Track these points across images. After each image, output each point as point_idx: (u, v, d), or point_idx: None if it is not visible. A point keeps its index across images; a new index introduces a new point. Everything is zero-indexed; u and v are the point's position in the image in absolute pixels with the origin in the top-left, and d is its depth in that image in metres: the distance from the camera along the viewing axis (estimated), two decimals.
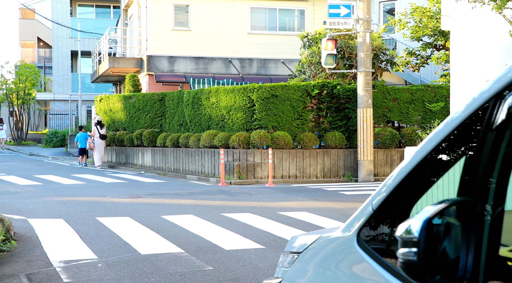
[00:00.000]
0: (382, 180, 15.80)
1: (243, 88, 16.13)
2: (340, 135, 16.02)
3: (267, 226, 8.58)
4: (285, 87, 15.93)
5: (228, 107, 16.44)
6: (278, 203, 11.12)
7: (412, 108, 16.49)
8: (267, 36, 23.20)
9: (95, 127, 21.00)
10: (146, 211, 10.00)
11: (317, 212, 9.86)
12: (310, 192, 13.00)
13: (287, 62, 23.09)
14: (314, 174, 15.87)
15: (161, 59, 22.33)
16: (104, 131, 20.96)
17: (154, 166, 19.26)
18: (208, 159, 16.63)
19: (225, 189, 13.73)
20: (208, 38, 22.58)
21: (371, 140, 15.42)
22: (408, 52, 18.21)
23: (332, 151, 15.98)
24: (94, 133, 20.86)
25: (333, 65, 15.40)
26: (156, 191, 13.28)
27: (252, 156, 15.69)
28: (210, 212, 9.94)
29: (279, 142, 15.61)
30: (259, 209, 10.22)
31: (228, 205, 10.85)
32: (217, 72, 22.60)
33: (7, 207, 10.38)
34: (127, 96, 20.74)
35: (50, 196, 12.10)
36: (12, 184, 14.75)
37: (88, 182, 15.40)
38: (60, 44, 41.92)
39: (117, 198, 11.87)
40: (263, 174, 15.63)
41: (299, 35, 18.13)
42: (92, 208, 10.33)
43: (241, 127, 16.23)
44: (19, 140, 39.93)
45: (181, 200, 11.49)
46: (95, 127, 20.99)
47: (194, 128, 17.85)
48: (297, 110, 16.05)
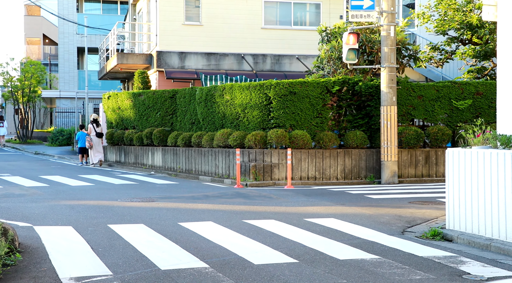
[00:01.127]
0: (407, 182, 15.00)
1: (259, 84, 15.32)
2: (361, 135, 15.20)
3: (296, 235, 7.78)
4: (304, 83, 15.11)
5: (243, 105, 15.64)
6: (302, 208, 10.32)
7: (438, 106, 15.64)
8: (281, 31, 22.38)
9: (91, 125, 21.13)
10: (161, 217, 9.22)
11: (347, 219, 9.06)
12: (333, 195, 12.19)
13: (302, 58, 22.27)
14: (334, 175, 15.05)
15: (171, 55, 21.54)
16: (100, 130, 21.16)
17: (165, 166, 18.48)
18: (222, 159, 15.83)
19: (242, 192, 12.94)
20: (220, 33, 21.78)
21: (395, 140, 14.59)
22: (432, 47, 17.34)
23: (353, 151, 15.16)
24: (90, 131, 21.00)
25: (355, 60, 14.60)
26: (170, 194, 12.51)
27: (269, 156, 14.89)
28: (230, 218, 9.15)
29: (298, 141, 14.80)
30: (283, 215, 9.42)
31: (248, 210, 10.06)
32: (229, 69, 21.79)
33: (12, 212, 9.62)
34: (136, 93, 19.96)
35: (57, 199, 11.33)
36: (17, 186, 14.00)
37: (96, 183, 14.64)
38: (66, 41, 41.21)
39: (128, 201, 11.09)
40: (280, 175, 14.83)
41: (318, 29, 17.30)
42: (102, 213, 9.55)
43: (257, 126, 15.43)
44: (24, 138, 39.26)
45: (197, 204, 10.70)
46: (91, 126, 21.13)
47: (207, 127, 17.06)
48: (316, 108, 15.23)
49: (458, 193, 7.76)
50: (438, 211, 9.80)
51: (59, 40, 41.61)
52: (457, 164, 7.77)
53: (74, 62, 41.83)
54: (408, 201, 10.97)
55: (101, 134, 21.13)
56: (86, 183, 14.81)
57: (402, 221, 8.93)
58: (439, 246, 7.23)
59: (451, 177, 7.88)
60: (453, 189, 7.85)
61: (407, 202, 10.91)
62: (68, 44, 41.25)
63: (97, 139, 21.02)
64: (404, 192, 12.67)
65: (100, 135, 21.09)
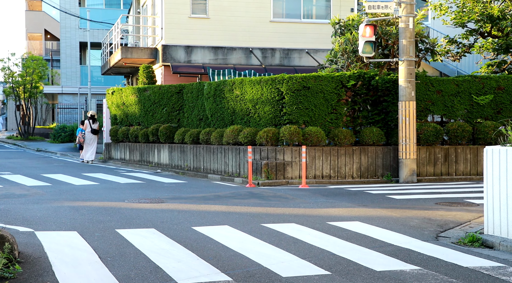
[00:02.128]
0: (425, 180, 14.34)
1: (271, 79, 14.65)
2: (378, 131, 14.53)
3: (322, 241, 7.12)
4: (318, 78, 14.44)
5: (254, 100, 14.98)
6: (322, 209, 9.66)
7: (458, 101, 14.96)
8: (290, 25, 21.67)
9: (87, 121, 21.24)
10: (173, 220, 8.56)
11: (373, 222, 8.40)
12: (353, 195, 11.52)
13: (311, 52, 21.58)
14: (349, 173, 14.39)
15: (177, 49, 20.85)
16: (96, 126, 21.22)
17: (172, 164, 17.82)
18: (232, 157, 15.17)
19: (255, 192, 12.27)
20: (228, 27, 21.07)
21: (414, 137, 13.91)
22: (449, 40, 16.64)
23: (369, 149, 14.49)
24: (86, 127, 21.11)
25: (371, 53, 13.93)
26: (179, 194, 11.85)
27: (282, 153, 14.23)
28: (247, 221, 8.50)
29: (312, 138, 14.14)
30: (304, 218, 8.76)
31: (265, 212, 9.40)
32: (237, 63, 21.10)
33: (12, 215, 8.96)
34: (141, 88, 19.28)
35: (60, 200, 10.68)
36: (18, 185, 13.36)
37: (101, 183, 13.99)
38: (68, 35, 40.50)
39: (136, 202, 10.44)
40: (293, 173, 14.17)
41: (331, 21, 16.61)
42: (109, 216, 8.90)
43: (269, 123, 14.77)
44: (26, 135, 38.65)
45: (210, 206, 10.04)
46: (87, 122, 21.23)
47: (216, 123, 16.39)
48: (330, 104, 14.56)
49: (499, 195, 7.10)
50: (469, 213, 9.14)
51: (61, 35, 40.91)
52: (497, 163, 7.10)
53: (76, 57, 41.14)
54: (434, 202, 10.30)
55: (96, 131, 21.13)
56: (91, 182, 14.17)
57: (433, 224, 8.27)
58: (481, 255, 6.57)
59: (490, 177, 7.21)
60: (492, 191, 7.19)
61: (433, 203, 10.25)
62: (70, 39, 40.54)
63: (93, 136, 21.05)
64: (427, 191, 12.00)
65: (95, 132, 21.08)
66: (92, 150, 21.09)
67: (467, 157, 14.80)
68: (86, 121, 21.31)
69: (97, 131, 21.21)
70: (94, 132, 21.07)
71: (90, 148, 21.04)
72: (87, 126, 21.06)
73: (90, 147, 21.05)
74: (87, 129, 21.01)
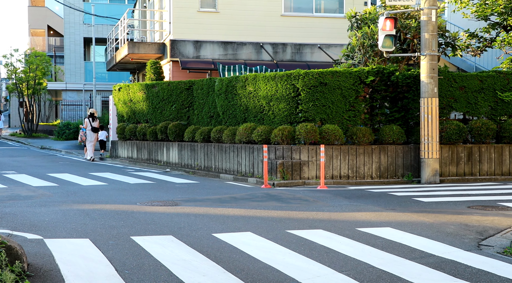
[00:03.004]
0: (448, 181, 13.74)
1: (286, 75, 14.05)
2: (398, 130, 13.92)
3: (356, 251, 6.53)
4: (335, 73, 13.83)
5: (268, 97, 14.38)
6: (348, 214, 9.07)
7: (482, 98, 14.34)
8: (302, 19, 21.05)
9: (87, 119, 21.13)
10: (191, 226, 7.98)
11: (406, 228, 7.81)
12: (376, 197, 10.93)
13: (324, 47, 20.97)
14: (368, 173, 13.79)
15: (186, 44, 20.25)
16: (96, 124, 21.15)
17: (181, 163, 17.24)
18: (246, 156, 14.59)
19: (273, 193, 11.69)
20: (238, 21, 20.47)
21: (437, 135, 13.31)
22: (469, 34, 16.00)
23: (389, 147, 13.88)
24: (87, 125, 21.02)
25: (391, 48, 13.35)
26: (193, 195, 11.27)
27: (298, 153, 13.63)
28: (271, 227, 7.91)
29: (329, 136, 13.55)
30: (330, 224, 8.18)
31: (288, 216, 8.81)
32: (247, 59, 20.49)
33: (18, 219, 8.39)
34: (149, 84, 18.69)
35: (68, 203, 10.11)
36: (24, 185, 12.80)
37: (110, 183, 13.42)
38: (72, 31, 39.89)
39: (149, 205, 9.86)
40: (310, 173, 13.58)
41: (347, 14, 15.98)
42: (122, 221, 8.32)
43: (284, 120, 14.18)
44: (29, 132, 38.13)
45: (227, 209, 9.46)
46: (87, 120, 21.12)
47: (228, 121, 15.80)
48: (348, 101, 13.96)
49: None
50: (507, 218, 8.54)
51: (64, 31, 40.31)
52: None
53: (80, 53, 40.54)
54: (466, 206, 9.70)
55: (96, 129, 21.08)
56: (99, 182, 13.60)
57: (472, 231, 7.67)
58: None
59: None
60: None
61: (465, 206, 9.65)
62: (74, 34, 39.94)
63: (93, 134, 21.02)
64: (454, 193, 11.40)
65: (95, 130, 21.04)
66: (92, 147, 21.11)
67: (491, 156, 14.19)
68: (86, 119, 21.33)
69: (97, 129, 21.16)
70: (94, 130, 21.02)
71: (91, 146, 21.02)
72: (87, 125, 21.04)
73: (91, 145, 21.03)
74: (87, 127, 21.01)
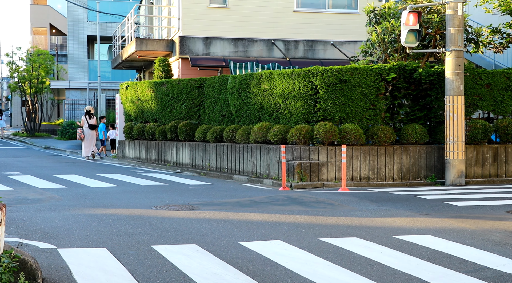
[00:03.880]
0: (474, 183, 13.14)
1: (303, 72, 13.46)
2: (421, 129, 13.33)
3: (403, 263, 5.93)
4: (356, 70, 13.24)
5: (284, 95, 13.79)
6: (380, 219, 8.47)
7: (508, 96, 13.74)
8: (315, 15, 20.45)
9: (84, 117, 21.04)
10: (214, 233, 7.38)
11: (447, 236, 7.21)
12: (405, 201, 10.33)
13: (337, 44, 20.36)
14: (390, 175, 13.19)
15: (195, 40, 19.65)
16: (93, 122, 21.05)
17: (192, 163, 16.64)
18: (261, 157, 13.99)
19: (293, 196, 11.09)
20: (248, 17, 19.87)
21: (462, 135, 12.71)
22: (492, 30, 15.39)
23: (411, 148, 13.28)
24: (83, 123, 20.94)
25: (414, 43, 12.75)
26: (209, 199, 10.67)
27: (316, 153, 13.04)
28: (301, 235, 7.32)
29: (349, 136, 12.95)
30: (364, 231, 7.58)
31: (316, 222, 8.22)
32: (258, 56, 19.89)
33: (28, 225, 7.80)
34: (158, 82, 18.09)
35: (79, 207, 9.52)
36: (30, 187, 12.21)
37: (119, 185, 12.83)
38: (76, 29, 39.28)
39: (165, 209, 9.27)
40: (329, 175, 12.99)
41: (365, 9, 15.37)
42: (140, 227, 7.73)
43: (301, 119, 13.59)
44: (32, 131, 37.54)
45: (249, 214, 8.86)
46: (84, 118, 21.03)
47: (241, 120, 15.20)
48: (369, 99, 13.36)
49: None
50: None
51: (68, 28, 39.71)
52: None
53: (84, 51, 39.93)
54: (505, 210, 9.10)
55: (94, 127, 21.04)
56: (108, 183, 13.01)
57: None
58: None
59: None
60: None
61: (503, 211, 9.05)
62: (78, 32, 39.33)
63: (91, 131, 20.96)
64: (486, 197, 10.80)
65: (93, 127, 21.00)
66: (91, 145, 21.08)
67: None
68: (83, 117, 21.13)
69: (95, 126, 21.09)
70: (92, 128, 20.95)
71: (89, 144, 20.99)
72: (84, 123, 20.91)
73: (90, 143, 20.98)
74: (84, 125, 20.88)
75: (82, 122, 21.00)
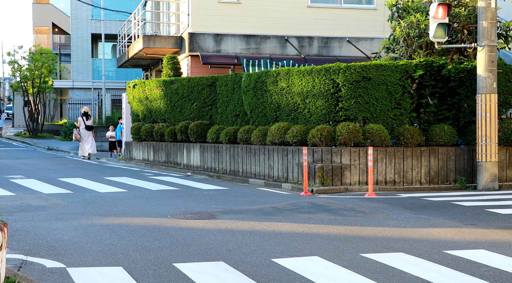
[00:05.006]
0: (506, 187, 12.35)
1: (324, 69, 12.64)
2: (450, 130, 12.51)
3: None
4: (380, 67, 12.42)
5: (303, 94, 12.98)
6: (422, 230, 7.65)
7: None
8: (330, 10, 19.63)
9: (81, 118, 21.32)
10: (241, 247, 6.57)
11: (505, 251, 6.40)
12: (442, 208, 9.50)
13: (353, 41, 19.54)
14: (417, 179, 12.37)
15: (205, 37, 18.84)
16: (90, 123, 21.31)
17: (204, 166, 15.83)
18: (278, 159, 13.18)
19: (318, 202, 10.27)
20: (261, 13, 19.06)
21: (496, 136, 11.89)
22: None
23: (440, 150, 12.46)
24: (80, 124, 21.19)
25: (443, 38, 11.96)
26: (228, 205, 9.87)
27: (338, 155, 12.22)
28: (339, 249, 6.51)
29: (374, 137, 12.14)
30: (408, 244, 6.76)
31: (351, 234, 7.40)
32: (271, 53, 19.08)
33: (32, 238, 6.99)
34: (168, 81, 17.28)
35: (88, 215, 8.72)
36: (34, 193, 11.42)
37: (129, 189, 12.04)
38: (79, 27, 38.49)
39: (182, 218, 8.47)
40: (352, 179, 12.17)
41: (387, 3, 14.55)
42: (157, 240, 6.92)
43: (322, 119, 12.77)
44: (34, 132, 36.82)
45: (275, 224, 8.05)
46: (81, 119, 21.30)
47: (256, 120, 14.40)
48: (394, 97, 12.54)
49: None
50: None
51: (71, 26, 38.92)
52: None
53: (88, 50, 39.13)
54: None
55: (90, 127, 21.24)
56: (116, 188, 12.22)
57: None
58: None
59: None
60: None
61: None
62: (82, 30, 38.53)
63: (87, 132, 21.15)
64: None
65: (89, 128, 21.20)
66: (89, 146, 21.21)
67: None
68: (80, 118, 21.41)
69: (91, 127, 21.29)
70: (88, 128, 21.18)
71: (86, 144, 21.20)
72: (81, 123, 21.18)
73: (87, 143, 21.20)
74: (81, 126, 21.15)
75: (79, 123, 21.23)
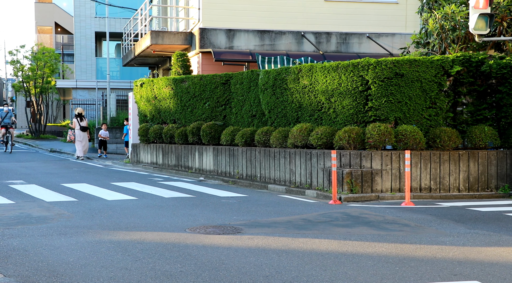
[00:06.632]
0: None
1: (352, 64, 11.56)
2: (491, 131, 11.42)
3: None
4: (414, 62, 11.33)
5: (328, 92, 11.90)
6: (487, 250, 6.55)
7: None
8: (349, 4, 18.55)
9: (75, 119, 21.50)
10: (281, 273, 5.49)
11: None
12: (497, 221, 8.40)
13: (373, 36, 18.46)
14: (455, 185, 11.27)
15: (217, 33, 17.78)
16: (85, 124, 21.49)
17: (217, 170, 14.75)
18: (301, 163, 12.10)
19: (352, 213, 9.18)
20: (275, 7, 18.00)
21: None
22: None
23: (480, 153, 11.37)
24: (75, 125, 21.36)
25: (485, 30, 10.91)
26: (252, 216, 8.77)
27: (369, 160, 11.13)
28: (398, 275, 5.43)
29: (407, 140, 11.06)
30: (478, 269, 5.67)
31: (406, 255, 6.31)
32: (287, 49, 18.01)
33: (31, 260, 5.91)
34: (178, 79, 16.20)
35: (95, 229, 7.64)
36: (35, 201, 10.35)
37: (139, 197, 10.96)
38: (83, 25, 37.44)
39: (203, 233, 7.38)
40: (384, 185, 11.08)
41: None
42: (179, 263, 5.83)
43: (349, 120, 11.69)
44: (36, 133, 35.80)
45: (312, 241, 6.95)
46: (75, 120, 21.49)
47: (275, 120, 13.32)
48: (429, 96, 11.45)
49: None
50: None
51: (75, 25, 37.88)
52: None
53: (92, 49, 38.08)
54: None
55: (85, 128, 21.47)
56: (125, 195, 11.14)
57: None
58: None
59: None
60: None
61: None
62: (85, 29, 37.49)
63: (83, 133, 21.35)
64: None
65: (84, 129, 21.42)
66: (83, 146, 21.42)
67: None
68: (74, 119, 21.58)
69: (86, 128, 21.53)
70: (83, 129, 21.39)
71: (80, 145, 21.41)
72: (75, 125, 21.35)
73: (81, 144, 21.40)
74: (76, 127, 21.32)
75: (74, 124, 21.39)
